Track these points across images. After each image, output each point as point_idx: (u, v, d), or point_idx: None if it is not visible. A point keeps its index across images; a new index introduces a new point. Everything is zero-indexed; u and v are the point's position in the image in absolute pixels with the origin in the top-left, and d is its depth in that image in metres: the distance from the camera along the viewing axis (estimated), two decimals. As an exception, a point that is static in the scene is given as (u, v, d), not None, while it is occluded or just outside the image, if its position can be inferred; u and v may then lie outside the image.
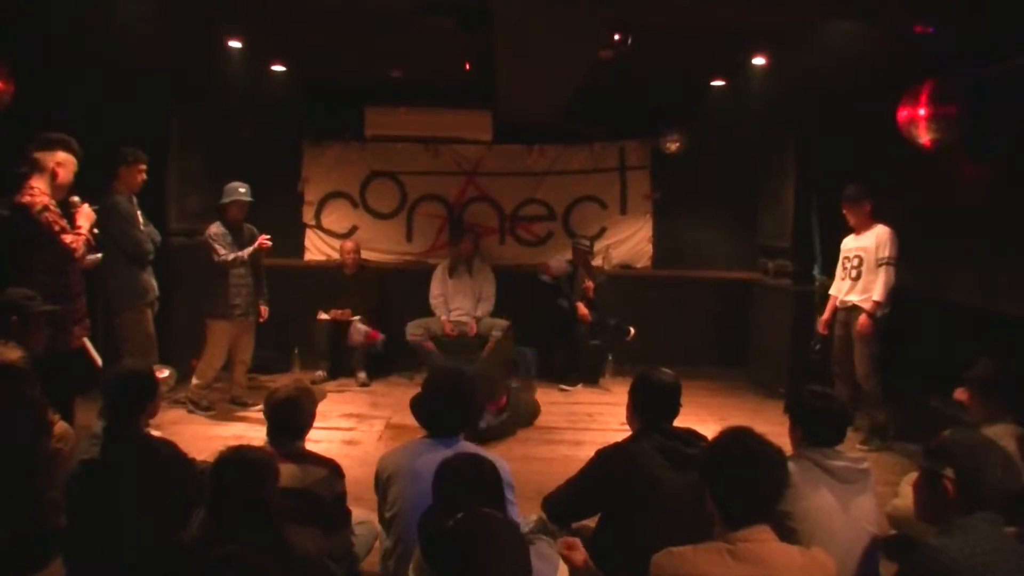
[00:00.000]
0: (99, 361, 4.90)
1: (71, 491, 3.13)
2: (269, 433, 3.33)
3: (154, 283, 5.93)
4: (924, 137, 5.43)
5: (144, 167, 5.88)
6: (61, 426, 4.00)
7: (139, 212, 5.95)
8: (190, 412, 6.34)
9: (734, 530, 2.30)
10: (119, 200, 5.73)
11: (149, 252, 5.85)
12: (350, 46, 6.46)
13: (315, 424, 5.98)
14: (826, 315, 6.34)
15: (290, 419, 3.32)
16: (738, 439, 2.45)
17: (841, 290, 6.19)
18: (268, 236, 6.45)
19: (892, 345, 6.08)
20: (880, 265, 5.87)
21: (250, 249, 6.34)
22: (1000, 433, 3.44)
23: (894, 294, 5.92)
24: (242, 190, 6.42)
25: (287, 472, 2.77)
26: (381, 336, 7.67)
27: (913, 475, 2.72)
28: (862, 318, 5.90)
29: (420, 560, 2.63)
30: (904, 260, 5.97)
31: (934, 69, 5.41)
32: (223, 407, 6.59)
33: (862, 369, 5.94)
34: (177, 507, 3.07)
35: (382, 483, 3.27)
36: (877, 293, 5.86)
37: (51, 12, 5.30)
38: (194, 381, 6.41)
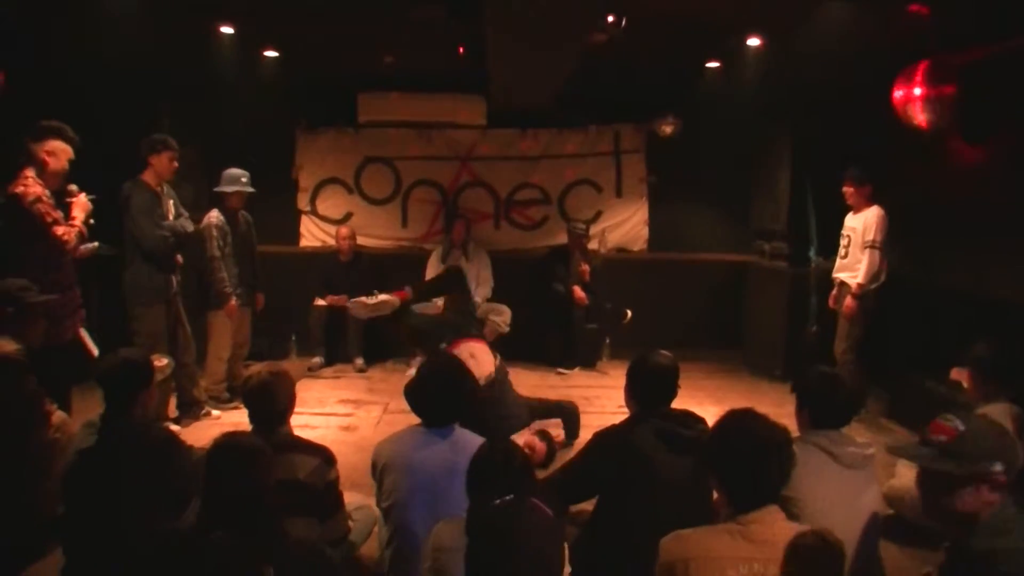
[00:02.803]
0: (95, 351, 4.87)
1: (68, 480, 3.13)
2: (251, 420, 3.31)
3: (172, 277, 5.74)
4: (920, 118, 5.43)
5: (174, 154, 5.68)
6: (58, 416, 3.99)
7: (172, 202, 5.78)
8: (214, 413, 6.08)
9: (744, 512, 2.31)
10: (137, 192, 5.54)
11: (166, 247, 5.62)
12: (342, 33, 6.42)
13: (313, 410, 6.16)
14: (834, 291, 6.39)
15: (268, 404, 3.29)
16: (742, 421, 2.45)
17: (836, 266, 6.34)
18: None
19: (886, 328, 6.11)
20: (866, 248, 5.98)
21: None
22: (997, 413, 3.45)
23: (884, 276, 6.00)
24: (244, 180, 6.34)
25: (276, 463, 2.76)
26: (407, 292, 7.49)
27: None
28: (848, 300, 6.02)
29: (433, 553, 2.64)
30: (898, 243, 6.01)
31: (930, 50, 5.39)
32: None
33: (840, 345, 6.07)
34: (174, 495, 3.07)
35: (378, 471, 3.27)
36: (861, 276, 5.97)
37: (42, 1, 5.27)
38: (207, 380, 6.26)
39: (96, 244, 5.04)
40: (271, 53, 7.10)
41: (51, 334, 4.41)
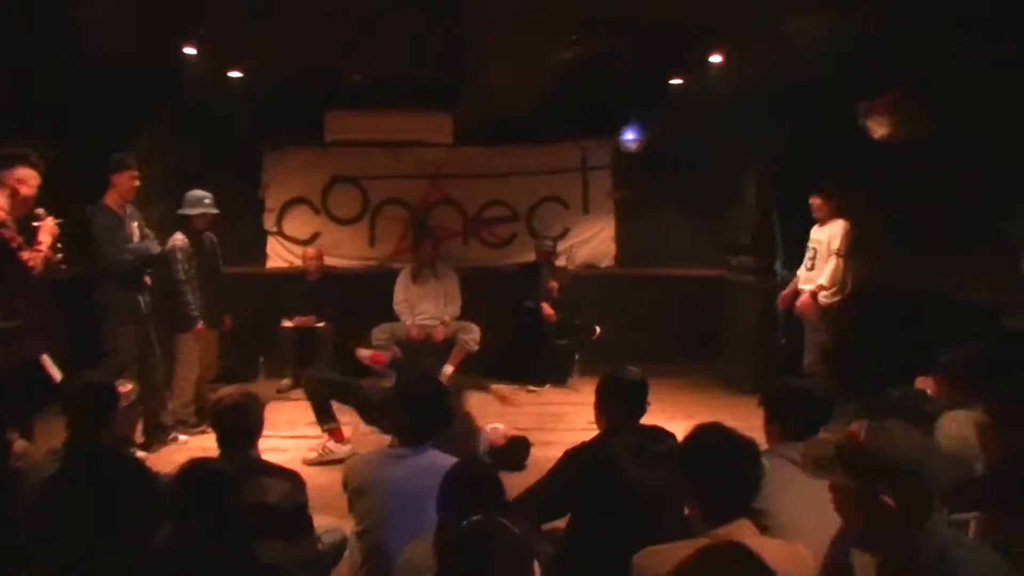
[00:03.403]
0: (57, 376, 4.79)
1: (32, 508, 3.07)
2: (219, 443, 3.28)
3: (141, 298, 5.67)
4: (879, 131, 5.51)
5: (136, 173, 5.63)
6: (20, 444, 3.92)
7: (136, 223, 5.72)
8: (181, 438, 6.00)
9: (716, 526, 2.30)
10: (100, 213, 5.49)
11: (128, 267, 5.55)
12: (309, 47, 6.39)
13: (282, 433, 6.10)
14: (786, 291, 6.56)
15: (238, 426, 3.27)
16: (713, 435, 2.46)
17: (801, 277, 6.44)
18: None
19: (855, 338, 6.18)
20: (831, 256, 6.12)
21: None
22: (961, 419, 3.47)
23: (850, 287, 6.14)
24: (207, 201, 6.28)
25: (245, 487, 2.73)
26: (384, 358, 7.55)
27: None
28: (804, 297, 6.16)
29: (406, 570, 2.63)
30: (865, 252, 6.09)
31: (893, 64, 5.48)
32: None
33: (808, 357, 6.13)
34: (141, 520, 3.02)
35: (348, 492, 3.25)
36: (824, 278, 6.12)
37: (10, 20, 5.20)
38: (174, 403, 6.15)
39: (60, 256, 4.92)
40: (236, 73, 7.06)
41: (14, 359, 4.34)
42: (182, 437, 6.01)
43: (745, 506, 2.38)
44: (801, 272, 6.41)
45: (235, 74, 7.06)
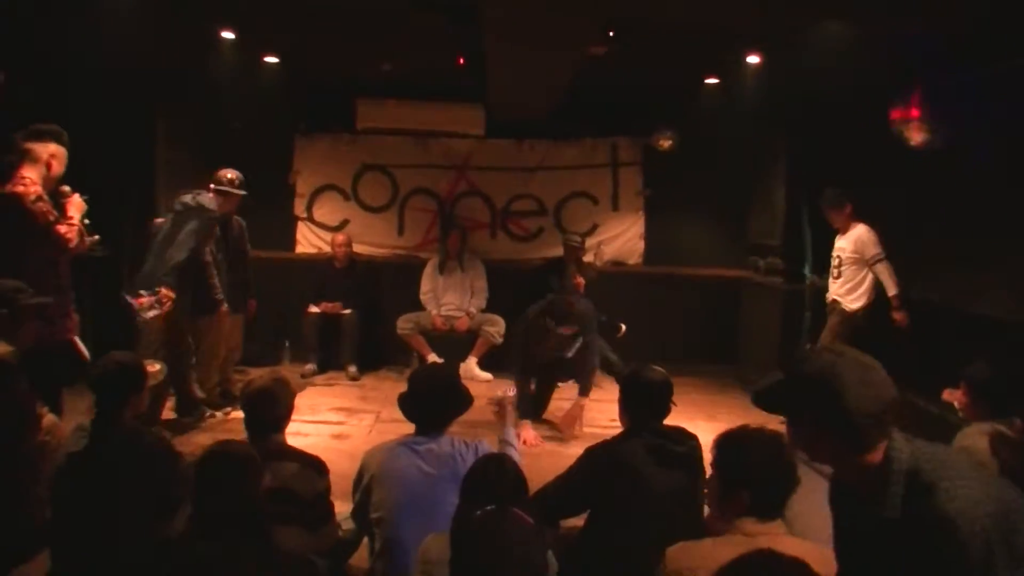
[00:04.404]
0: (87, 354, 4.85)
1: (57, 484, 3.12)
2: (247, 426, 3.32)
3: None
4: (915, 138, 5.45)
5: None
6: (49, 419, 3.96)
7: None
8: (218, 414, 6.15)
9: (753, 525, 2.32)
10: (206, 219, 5.74)
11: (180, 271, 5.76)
12: (342, 40, 6.43)
13: (305, 418, 6.15)
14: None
15: (267, 411, 3.30)
16: (760, 438, 2.45)
17: (830, 287, 6.41)
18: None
19: (877, 346, 6.11)
20: (872, 264, 6.06)
21: None
22: (975, 431, 3.45)
23: (874, 295, 6.14)
24: (236, 183, 6.37)
25: (267, 471, 2.76)
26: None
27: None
28: (897, 314, 6.03)
29: (422, 566, 2.65)
30: (891, 259, 6.05)
31: (926, 70, 5.42)
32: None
33: None
34: (163, 501, 3.06)
35: (365, 481, 3.27)
36: (889, 288, 6.04)
37: (38, 4, 5.26)
38: (201, 388, 6.24)
39: (97, 236, 5.00)
40: (271, 59, 7.10)
41: (45, 335, 4.39)
42: (219, 413, 6.15)
43: (781, 508, 2.38)
44: (830, 282, 6.37)
45: (269, 60, 7.11)
